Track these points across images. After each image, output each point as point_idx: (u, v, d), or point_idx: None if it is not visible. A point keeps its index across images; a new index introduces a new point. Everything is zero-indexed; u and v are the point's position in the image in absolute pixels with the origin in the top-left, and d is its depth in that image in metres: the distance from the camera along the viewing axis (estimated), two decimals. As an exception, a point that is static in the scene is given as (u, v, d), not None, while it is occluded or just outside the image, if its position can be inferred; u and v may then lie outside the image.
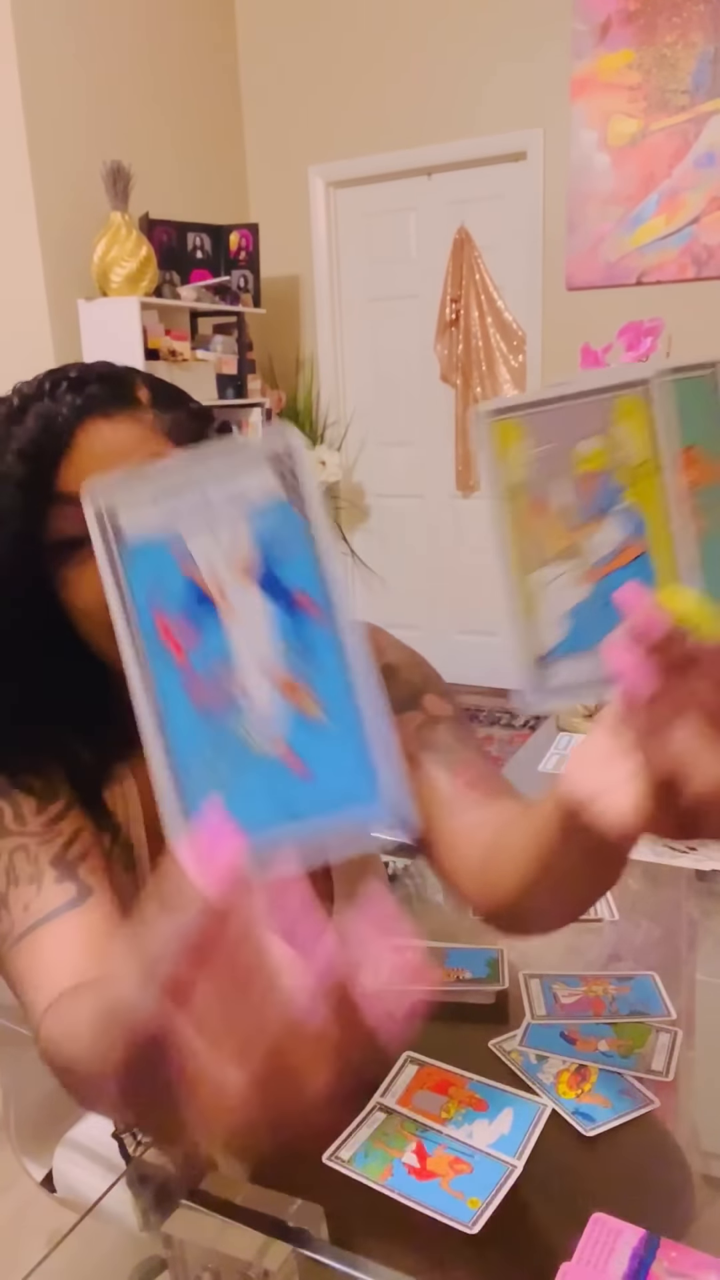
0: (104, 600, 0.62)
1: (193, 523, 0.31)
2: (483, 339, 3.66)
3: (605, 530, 0.39)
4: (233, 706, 0.31)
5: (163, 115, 3.50)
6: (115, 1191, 0.71)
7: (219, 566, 0.31)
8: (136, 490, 0.31)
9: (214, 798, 0.30)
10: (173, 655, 0.31)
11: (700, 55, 3.02)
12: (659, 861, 1.01)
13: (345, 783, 0.31)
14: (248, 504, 0.31)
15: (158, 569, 0.32)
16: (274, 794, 0.31)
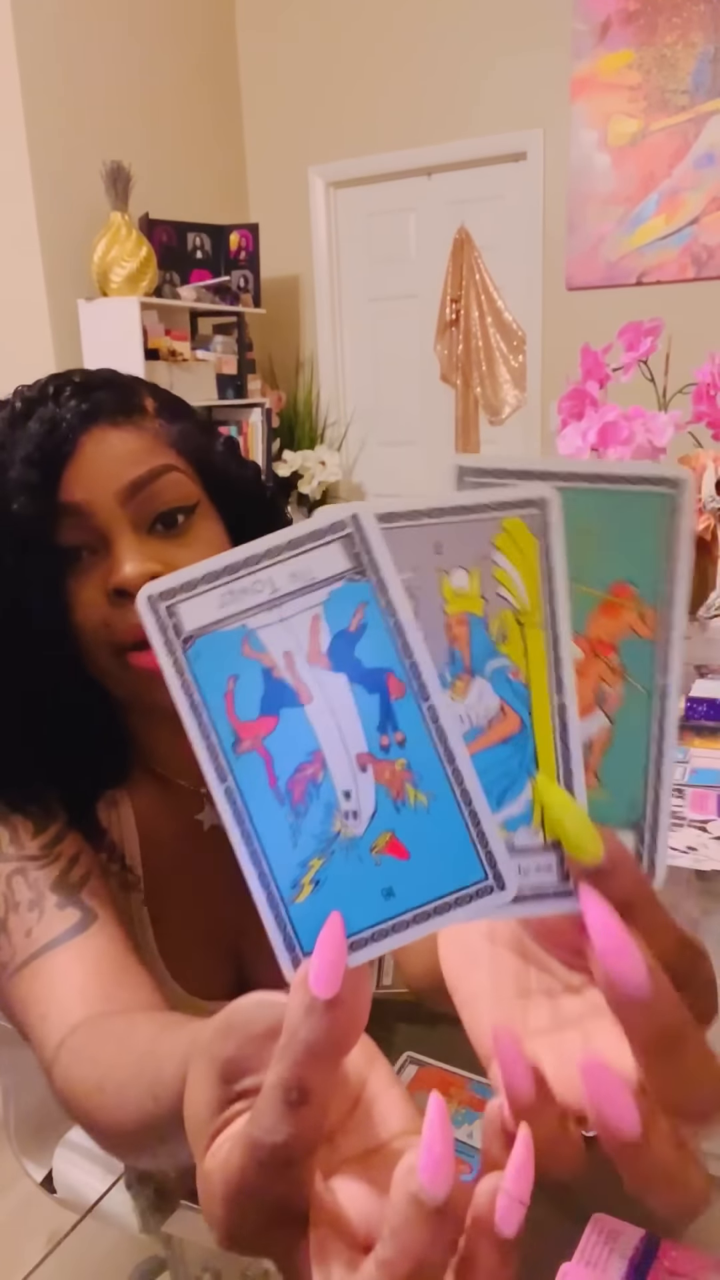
0: (96, 616, 0.61)
1: (259, 609, 0.29)
2: (483, 339, 3.66)
3: (475, 694, 0.30)
4: (319, 794, 0.29)
5: (163, 115, 3.50)
6: (115, 1192, 0.71)
7: (292, 652, 0.29)
8: (195, 582, 0.29)
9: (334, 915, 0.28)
10: (249, 747, 0.29)
11: (700, 55, 3.02)
12: (659, 861, 1.01)
13: (448, 862, 0.29)
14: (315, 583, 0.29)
15: (225, 660, 0.29)
16: (371, 880, 0.29)
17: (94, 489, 0.61)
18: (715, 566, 1.74)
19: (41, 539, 0.61)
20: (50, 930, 0.58)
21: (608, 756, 0.31)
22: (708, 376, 1.61)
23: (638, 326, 1.61)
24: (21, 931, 0.58)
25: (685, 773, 1.24)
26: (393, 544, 0.30)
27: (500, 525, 0.30)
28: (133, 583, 0.60)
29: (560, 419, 1.59)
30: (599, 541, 0.30)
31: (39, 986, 0.56)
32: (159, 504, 0.64)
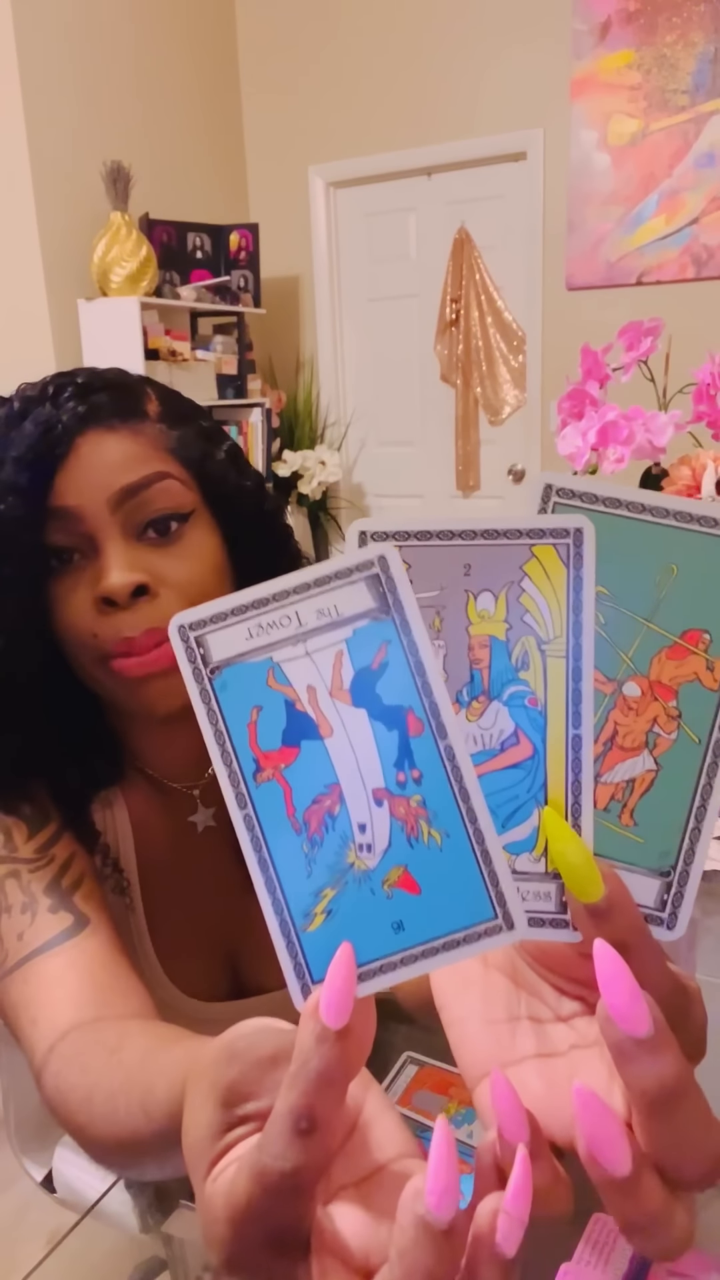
0: (82, 623, 0.61)
1: (285, 642, 0.30)
2: (483, 339, 3.66)
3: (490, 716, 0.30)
4: (335, 826, 0.30)
5: (163, 115, 3.49)
6: (115, 1192, 0.71)
7: (315, 686, 0.30)
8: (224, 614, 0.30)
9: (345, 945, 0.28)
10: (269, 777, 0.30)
11: (700, 55, 3.02)
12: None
13: (458, 899, 0.29)
14: (340, 620, 0.30)
15: (250, 691, 0.30)
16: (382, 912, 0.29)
17: (85, 494, 0.61)
18: (715, 566, 1.74)
19: (29, 542, 0.60)
20: (42, 934, 0.58)
21: (647, 799, 0.30)
22: (708, 376, 1.61)
23: (638, 326, 1.61)
24: (14, 935, 0.58)
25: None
26: (423, 560, 0.30)
27: (531, 552, 0.30)
28: (117, 592, 0.60)
29: (560, 419, 1.59)
30: (680, 583, 0.30)
31: (30, 991, 0.56)
32: (150, 511, 0.63)
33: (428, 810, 0.29)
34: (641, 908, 0.30)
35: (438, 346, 3.77)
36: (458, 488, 3.83)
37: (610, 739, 0.31)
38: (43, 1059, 0.53)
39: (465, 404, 3.75)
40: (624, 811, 0.30)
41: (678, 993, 0.29)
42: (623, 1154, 0.26)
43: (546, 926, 0.30)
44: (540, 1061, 0.31)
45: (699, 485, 1.69)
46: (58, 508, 0.60)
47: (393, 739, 0.29)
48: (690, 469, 1.71)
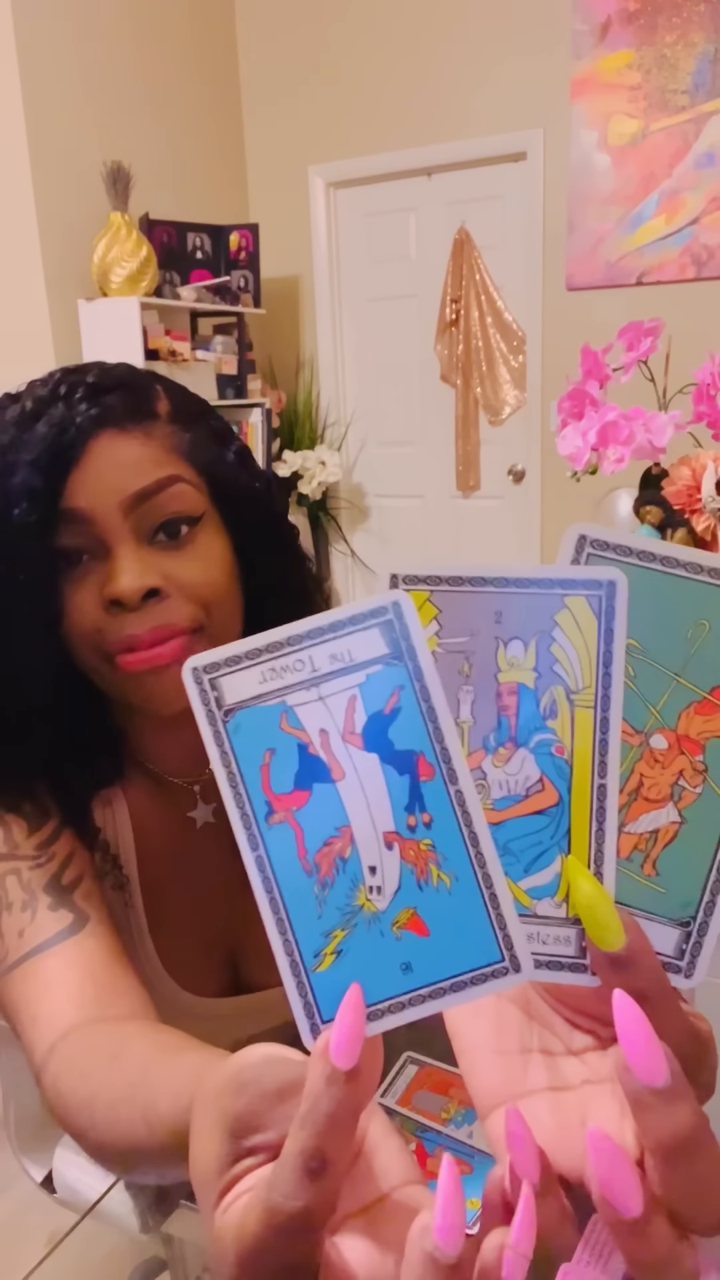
0: (88, 621, 0.61)
1: (298, 686, 0.30)
2: (483, 339, 3.66)
3: (517, 762, 0.31)
4: (345, 868, 0.30)
5: (163, 115, 3.50)
6: (115, 1192, 0.71)
7: (327, 729, 0.30)
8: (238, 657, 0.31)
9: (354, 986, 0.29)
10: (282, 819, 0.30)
11: (700, 55, 3.02)
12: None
13: (466, 942, 0.29)
14: (354, 665, 0.30)
15: (263, 734, 0.30)
16: (390, 954, 0.30)
17: (97, 497, 0.61)
18: (715, 566, 1.74)
19: (41, 544, 0.60)
20: (42, 932, 0.58)
21: (670, 850, 0.30)
22: (708, 376, 1.61)
23: (638, 326, 1.61)
24: (14, 932, 0.58)
25: (685, 773, 1.23)
26: (454, 606, 0.30)
27: (564, 602, 0.30)
28: (128, 595, 0.60)
29: (560, 419, 1.59)
30: (711, 639, 0.30)
31: (30, 989, 0.56)
32: (162, 514, 0.63)
33: (437, 854, 0.30)
34: (660, 956, 0.30)
35: (438, 346, 3.77)
36: (458, 488, 3.83)
37: (636, 790, 0.31)
38: (42, 1059, 0.53)
39: (465, 404, 3.75)
40: (646, 862, 0.31)
41: (693, 1040, 0.30)
42: (635, 1196, 0.26)
43: (565, 970, 0.30)
44: (552, 1095, 0.31)
45: (699, 485, 1.69)
46: (69, 510, 0.60)
47: (404, 783, 0.30)
48: (690, 469, 1.71)
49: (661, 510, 1.72)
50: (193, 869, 0.75)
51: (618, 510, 1.92)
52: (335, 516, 4.04)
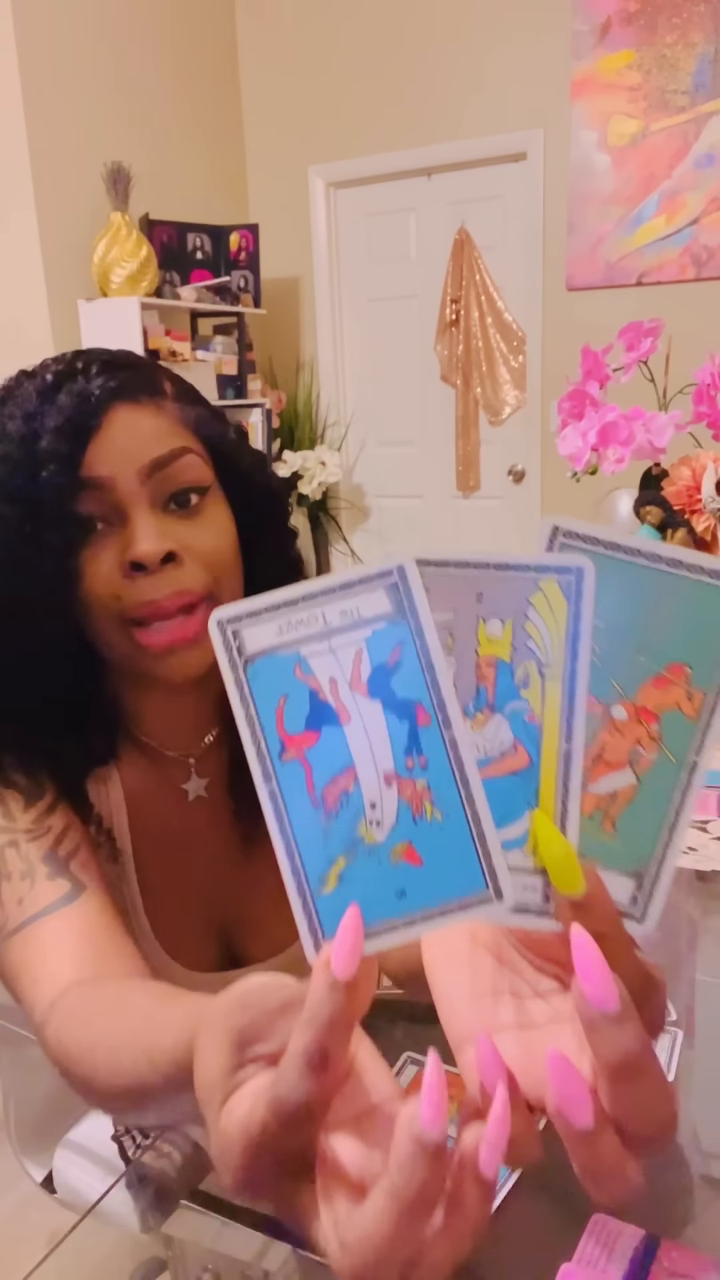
0: (106, 587, 0.62)
1: (311, 638, 0.34)
2: (483, 339, 3.66)
3: (492, 728, 0.34)
4: (349, 802, 0.33)
5: (163, 115, 3.50)
6: (115, 1192, 0.71)
7: (336, 678, 0.34)
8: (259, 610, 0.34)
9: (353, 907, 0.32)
10: (293, 757, 0.34)
11: (700, 55, 3.02)
12: (659, 862, 1.01)
13: (455, 872, 0.33)
14: (362, 622, 0.34)
15: (279, 680, 0.34)
16: (387, 881, 0.33)
17: (117, 464, 0.63)
18: (715, 567, 1.74)
19: (64, 509, 0.62)
20: (42, 899, 0.60)
21: (628, 810, 0.34)
22: (708, 377, 1.61)
23: (638, 326, 1.61)
24: (14, 900, 0.60)
25: (685, 773, 1.24)
26: (440, 585, 0.34)
27: (538, 585, 0.33)
28: (149, 557, 0.63)
29: (560, 419, 1.59)
30: (667, 621, 0.34)
31: (30, 952, 0.58)
32: (176, 483, 0.66)
33: (431, 792, 0.33)
34: (617, 903, 0.33)
35: (438, 347, 3.77)
36: (458, 488, 3.83)
37: (598, 755, 0.34)
38: (44, 1014, 0.55)
39: (465, 404, 3.75)
40: (605, 819, 0.34)
41: (644, 978, 0.33)
42: (586, 1110, 0.29)
43: (531, 915, 0.33)
44: (519, 1032, 0.35)
45: (699, 485, 1.69)
46: (90, 478, 0.63)
47: (403, 728, 0.33)
48: (690, 469, 1.71)
49: (661, 510, 1.72)
50: (185, 843, 0.76)
51: (618, 510, 1.92)
52: (335, 516, 4.04)
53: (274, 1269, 0.47)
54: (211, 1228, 0.50)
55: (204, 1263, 0.49)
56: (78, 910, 0.60)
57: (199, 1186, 0.53)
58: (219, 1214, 0.50)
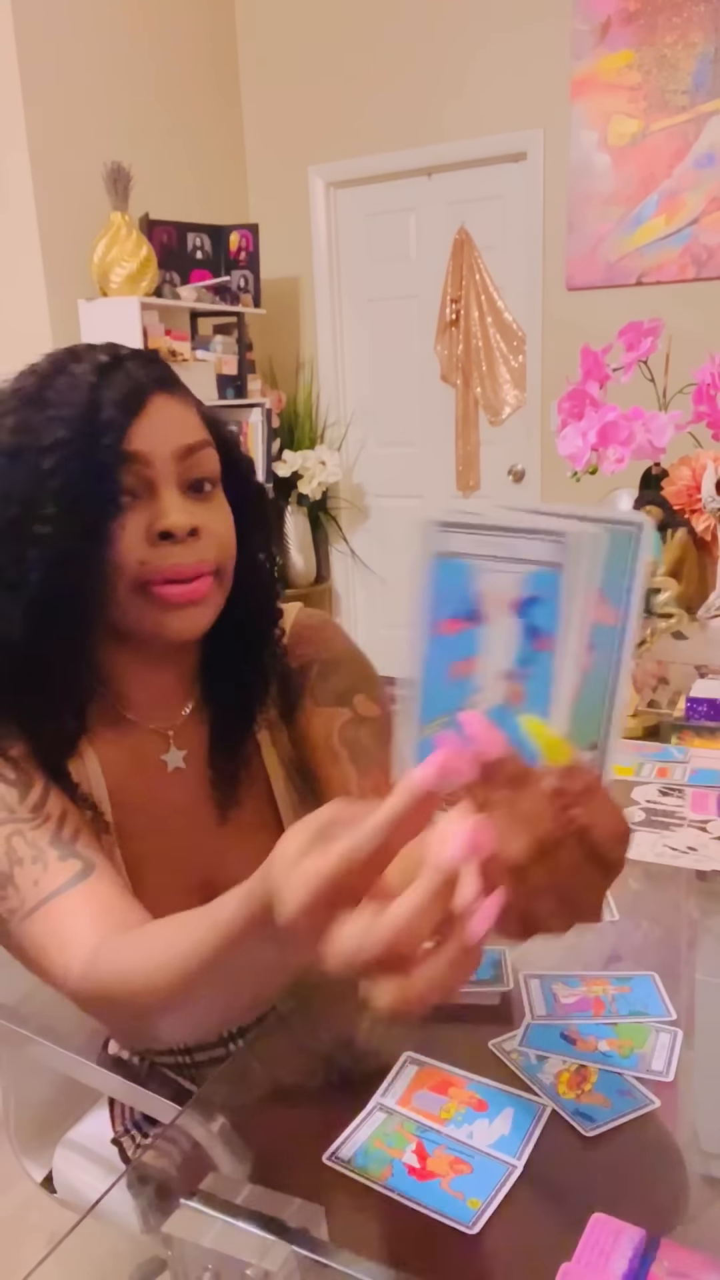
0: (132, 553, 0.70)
1: (490, 559, 0.44)
2: (483, 339, 3.66)
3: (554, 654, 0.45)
4: (468, 682, 0.45)
5: (163, 115, 3.50)
6: (115, 1192, 0.71)
7: (493, 596, 0.44)
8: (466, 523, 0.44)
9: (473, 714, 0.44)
10: (440, 633, 0.45)
11: (700, 55, 3.02)
12: (659, 862, 1.01)
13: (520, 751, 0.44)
14: (526, 562, 0.44)
15: (453, 580, 0.45)
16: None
17: (155, 443, 0.70)
18: (715, 566, 1.74)
19: (110, 476, 0.69)
20: (57, 878, 0.64)
21: (579, 703, 0.45)
22: (708, 376, 1.61)
23: (638, 326, 1.61)
24: (29, 882, 0.65)
25: (685, 773, 1.23)
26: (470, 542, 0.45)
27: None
28: (180, 528, 0.70)
29: (560, 419, 1.59)
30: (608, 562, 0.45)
31: (54, 923, 0.63)
32: (198, 471, 0.74)
33: (525, 697, 0.44)
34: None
35: (438, 346, 3.77)
36: (458, 488, 3.83)
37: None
38: (84, 964, 0.60)
39: (465, 404, 3.75)
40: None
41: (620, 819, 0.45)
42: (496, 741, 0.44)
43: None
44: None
45: (699, 485, 1.69)
46: (131, 452, 0.69)
47: (527, 646, 0.44)
48: (690, 469, 1.71)
49: (661, 510, 1.72)
50: (165, 813, 0.79)
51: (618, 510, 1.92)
52: (335, 516, 4.04)
53: (274, 1269, 0.47)
54: (211, 1227, 0.50)
55: (204, 1263, 0.49)
56: (93, 885, 0.65)
57: (199, 1186, 0.53)
58: (219, 1214, 0.50)
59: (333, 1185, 0.59)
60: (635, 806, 1.14)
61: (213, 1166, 0.62)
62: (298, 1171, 0.62)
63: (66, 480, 0.67)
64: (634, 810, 1.13)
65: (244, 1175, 0.63)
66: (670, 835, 1.06)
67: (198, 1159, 0.65)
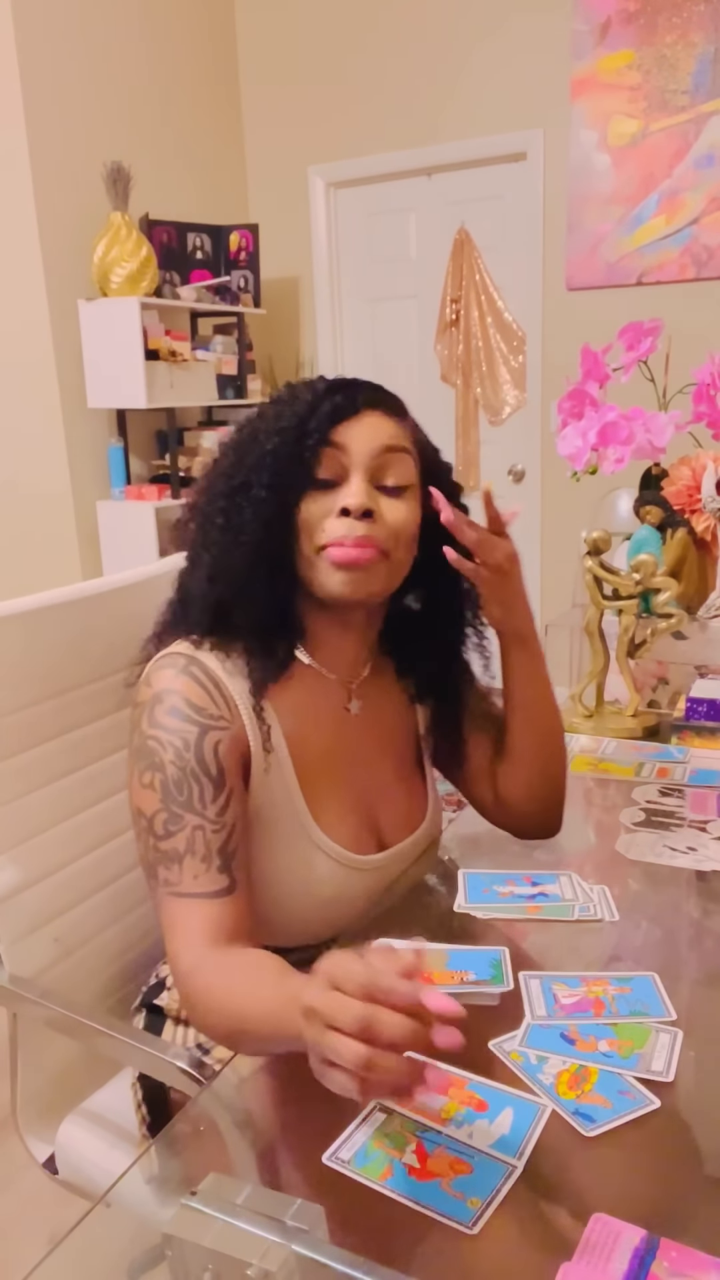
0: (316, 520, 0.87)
1: None
2: (483, 339, 3.66)
3: None
4: None
5: (163, 115, 3.50)
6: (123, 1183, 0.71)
7: None
8: None
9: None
10: None
11: (700, 55, 3.02)
12: (659, 862, 1.01)
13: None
14: None
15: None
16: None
17: (356, 439, 0.88)
18: (715, 566, 1.74)
19: (309, 460, 0.87)
20: (209, 884, 0.80)
21: None
22: (708, 376, 1.61)
23: (638, 326, 1.61)
24: (191, 874, 0.80)
25: (685, 773, 1.23)
26: None
27: None
28: (356, 507, 0.86)
29: (560, 419, 1.59)
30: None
31: (187, 916, 0.79)
32: (390, 472, 0.90)
33: None
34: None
35: (438, 346, 3.77)
36: (458, 488, 3.83)
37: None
38: (191, 966, 0.76)
39: (465, 404, 3.75)
40: None
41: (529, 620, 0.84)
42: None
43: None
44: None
45: (699, 485, 1.69)
46: (335, 441, 0.87)
47: None
48: (690, 469, 1.71)
49: (661, 510, 1.72)
50: (344, 750, 0.96)
51: (618, 510, 1.92)
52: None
53: (274, 1269, 0.47)
54: (211, 1227, 0.50)
55: (204, 1263, 0.49)
56: (227, 904, 0.80)
57: (199, 1187, 0.53)
58: (219, 1214, 0.50)
59: (333, 1185, 0.59)
60: (635, 807, 1.14)
61: (213, 1166, 0.62)
62: (298, 1171, 0.62)
63: (278, 459, 0.86)
64: (634, 810, 1.13)
65: (244, 1175, 0.63)
66: (670, 835, 1.06)
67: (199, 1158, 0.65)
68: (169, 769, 0.82)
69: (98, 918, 1.12)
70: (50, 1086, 1.09)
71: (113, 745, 1.15)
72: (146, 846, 0.83)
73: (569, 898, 0.94)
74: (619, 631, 1.39)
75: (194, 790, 0.82)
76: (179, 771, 0.82)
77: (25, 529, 3.37)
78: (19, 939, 1.02)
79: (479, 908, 0.93)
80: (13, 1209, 1.44)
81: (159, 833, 0.81)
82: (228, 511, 0.88)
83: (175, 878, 0.80)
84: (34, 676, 1.04)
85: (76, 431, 3.26)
